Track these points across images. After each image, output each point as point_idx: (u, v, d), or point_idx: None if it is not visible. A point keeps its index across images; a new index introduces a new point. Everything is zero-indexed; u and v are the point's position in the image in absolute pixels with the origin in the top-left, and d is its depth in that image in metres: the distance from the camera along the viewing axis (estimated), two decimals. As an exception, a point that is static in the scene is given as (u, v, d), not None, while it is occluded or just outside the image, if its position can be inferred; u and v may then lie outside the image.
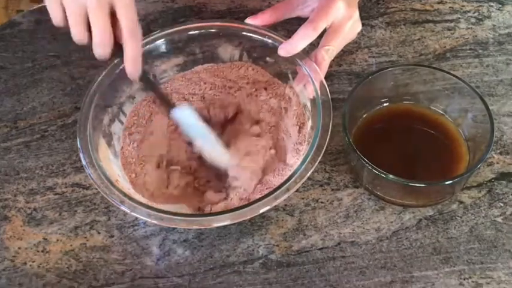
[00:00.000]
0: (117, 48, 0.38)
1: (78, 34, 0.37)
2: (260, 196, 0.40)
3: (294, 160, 0.44)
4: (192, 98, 0.49)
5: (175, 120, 0.44)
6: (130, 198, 0.39)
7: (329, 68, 0.47)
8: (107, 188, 0.40)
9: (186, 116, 0.44)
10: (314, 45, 0.46)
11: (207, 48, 0.50)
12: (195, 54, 0.50)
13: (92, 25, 0.36)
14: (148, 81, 0.43)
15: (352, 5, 0.43)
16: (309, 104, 0.45)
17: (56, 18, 0.37)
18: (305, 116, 0.45)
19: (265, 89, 0.49)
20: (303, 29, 0.42)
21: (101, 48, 0.37)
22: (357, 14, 0.44)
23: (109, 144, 0.45)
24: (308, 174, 0.39)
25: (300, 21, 0.47)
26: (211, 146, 0.44)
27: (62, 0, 0.36)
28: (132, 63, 0.38)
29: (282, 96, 0.48)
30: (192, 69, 0.50)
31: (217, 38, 0.48)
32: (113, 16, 0.37)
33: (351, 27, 0.44)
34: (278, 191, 0.39)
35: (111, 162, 0.44)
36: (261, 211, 0.38)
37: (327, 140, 0.41)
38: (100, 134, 0.44)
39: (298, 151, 0.44)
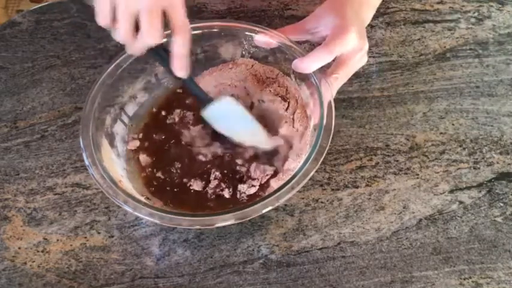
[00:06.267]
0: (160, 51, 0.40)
1: (124, 33, 0.38)
2: (262, 196, 0.39)
3: (294, 164, 0.43)
4: None
5: (210, 117, 0.44)
6: (134, 198, 0.39)
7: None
8: (109, 188, 0.39)
9: (228, 105, 0.43)
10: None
11: (208, 48, 0.49)
12: (197, 55, 0.50)
13: (142, 27, 0.37)
14: (192, 81, 0.44)
15: (362, 37, 0.43)
16: (311, 104, 0.45)
17: (103, 17, 0.38)
18: (307, 120, 0.45)
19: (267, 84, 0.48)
20: (318, 51, 0.42)
21: (150, 42, 0.38)
22: (366, 46, 0.44)
23: (112, 144, 0.45)
24: (311, 174, 0.39)
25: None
26: (253, 132, 0.44)
27: (114, 1, 0.37)
28: (179, 60, 0.39)
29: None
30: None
31: (218, 38, 0.48)
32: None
33: (359, 59, 0.44)
34: (281, 191, 0.38)
35: (113, 163, 0.44)
36: (264, 211, 0.38)
37: (329, 141, 0.40)
38: (102, 134, 0.44)
39: (298, 155, 0.44)
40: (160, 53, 0.41)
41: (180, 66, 0.40)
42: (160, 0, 0.37)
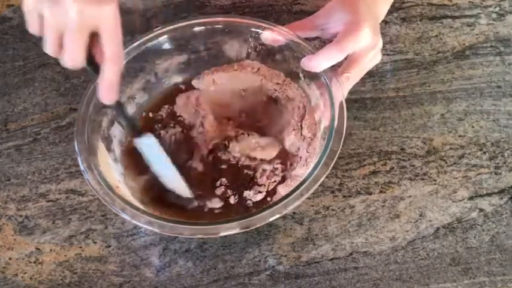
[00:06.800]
0: (93, 67, 0.37)
1: (51, 49, 0.36)
2: (270, 204, 0.38)
3: (302, 170, 0.42)
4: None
5: (138, 147, 0.44)
6: (132, 206, 0.38)
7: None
8: (106, 195, 0.38)
9: (150, 145, 0.43)
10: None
11: (211, 45, 0.48)
12: (199, 52, 0.48)
13: (64, 45, 0.35)
14: (120, 108, 0.42)
15: (376, 34, 0.42)
16: (321, 105, 0.43)
17: (32, 27, 0.36)
18: (316, 126, 0.44)
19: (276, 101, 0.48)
20: (329, 49, 0.41)
21: (69, 65, 0.36)
22: (380, 43, 0.43)
23: (108, 148, 0.44)
24: (321, 180, 0.38)
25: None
26: (172, 177, 0.43)
27: (40, 11, 0.35)
28: (107, 88, 0.37)
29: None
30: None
31: (222, 34, 0.47)
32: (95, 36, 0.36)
33: (373, 57, 0.43)
34: (289, 198, 0.37)
35: (110, 168, 0.43)
36: (271, 219, 0.37)
37: (341, 144, 0.39)
38: (99, 137, 0.43)
39: (306, 163, 0.43)
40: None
41: (105, 95, 0.37)
42: (89, 20, 0.34)
